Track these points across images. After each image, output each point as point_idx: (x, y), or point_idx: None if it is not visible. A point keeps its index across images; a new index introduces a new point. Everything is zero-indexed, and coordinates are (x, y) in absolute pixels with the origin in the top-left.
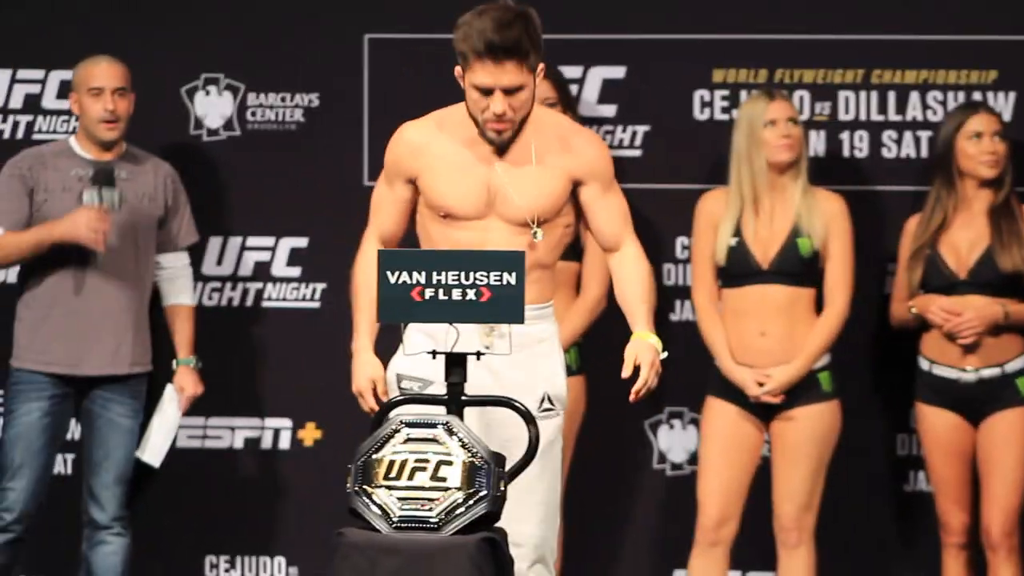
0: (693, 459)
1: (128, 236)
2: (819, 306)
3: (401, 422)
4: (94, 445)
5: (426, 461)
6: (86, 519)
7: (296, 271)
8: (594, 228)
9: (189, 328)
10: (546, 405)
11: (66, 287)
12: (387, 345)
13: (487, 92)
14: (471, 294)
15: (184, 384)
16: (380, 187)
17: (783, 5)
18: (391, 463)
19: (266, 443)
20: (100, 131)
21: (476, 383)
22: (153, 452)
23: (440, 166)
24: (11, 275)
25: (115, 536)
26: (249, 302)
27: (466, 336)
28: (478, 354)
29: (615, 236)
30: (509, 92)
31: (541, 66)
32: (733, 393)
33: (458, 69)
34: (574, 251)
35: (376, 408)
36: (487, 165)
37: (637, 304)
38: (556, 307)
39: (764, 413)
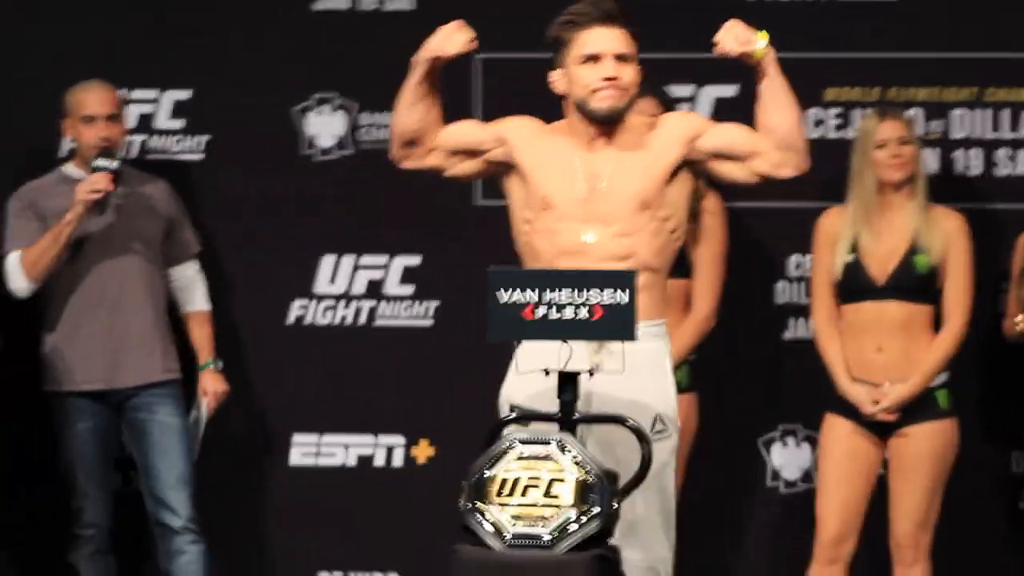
0: (807, 476)
1: (135, 251)
2: (938, 324)
3: (514, 439)
4: (149, 450)
5: (539, 478)
6: (158, 530)
7: (409, 289)
8: (736, 151)
9: (207, 332)
10: (658, 426)
11: (87, 306)
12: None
13: (595, 60)
14: (583, 312)
15: (207, 386)
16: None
17: (895, 24)
18: (504, 480)
19: (379, 460)
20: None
21: (587, 402)
22: None
23: (542, 156)
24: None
25: (191, 544)
26: (362, 320)
27: (576, 354)
28: (591, 371)
29: (751, 142)
30: (619, 60)
31: (645, 78)
32: (851, 410)
33: (553, 75)
34: (683, 268)
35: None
36: (588, 154)
37: None
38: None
39: (882, 430)
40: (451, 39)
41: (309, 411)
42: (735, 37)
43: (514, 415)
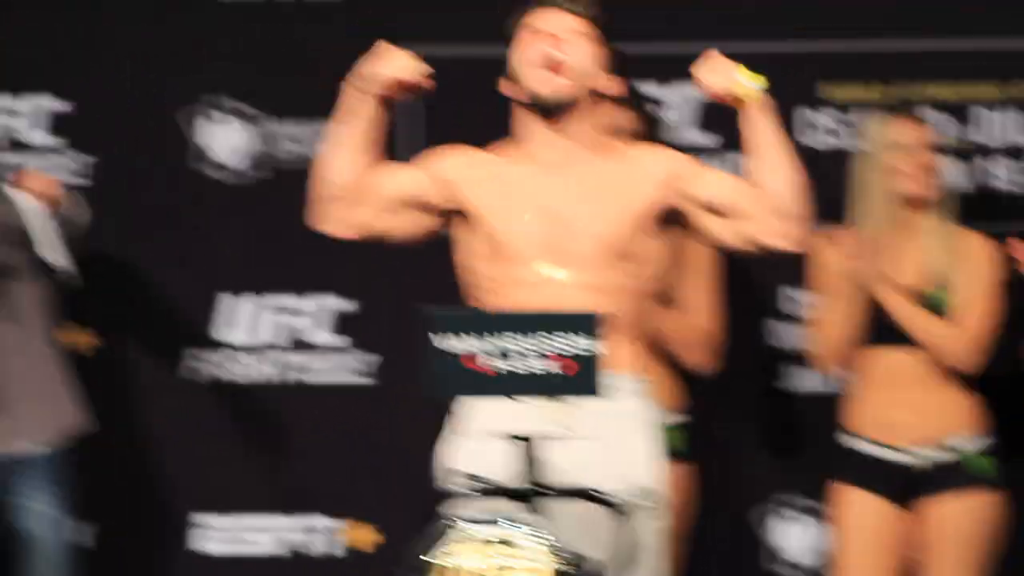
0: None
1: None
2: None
3: (466, 521)
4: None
5: (507, 568)
6: None
7: (344, 340)
8: (724, 206)
9: None
10: (641, 502)
11: None
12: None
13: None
14: (540, 363)
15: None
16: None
17: (905, 6)
18: (451, 572)
19: (312, 548)
20: None
21: (550, 473)
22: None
23: (488, 190)
24: None
25: None
26: (290, 377)
27: (535, 413)
28: (562, 437)
29: (742, 198)
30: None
31: (611, 80)
32: (869, 478)
33: (504, 82)
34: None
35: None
36: (545, 189)
37: None
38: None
39: (907, 502)
40: (401, 64)
41: (218, 487)
42: (713, 70)
43: (469, 486)
